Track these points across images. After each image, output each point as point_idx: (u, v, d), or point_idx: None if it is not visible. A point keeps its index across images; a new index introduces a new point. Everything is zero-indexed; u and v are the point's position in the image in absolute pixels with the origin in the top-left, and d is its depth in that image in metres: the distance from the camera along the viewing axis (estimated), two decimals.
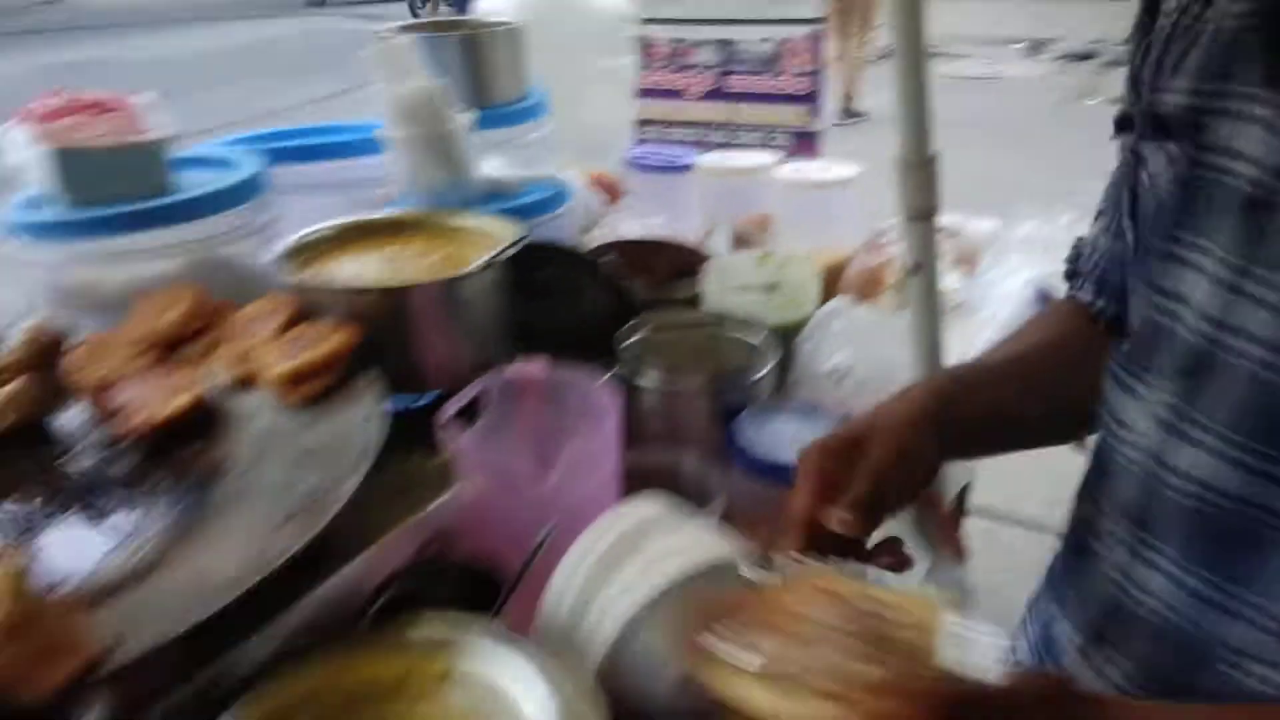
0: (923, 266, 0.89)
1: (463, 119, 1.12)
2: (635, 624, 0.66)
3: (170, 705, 0.59)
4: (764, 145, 1.93)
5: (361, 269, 0.96)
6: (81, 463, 0.81)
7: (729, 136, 1.99)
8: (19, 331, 0.91)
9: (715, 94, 2.01)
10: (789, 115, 1.97)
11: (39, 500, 0.76)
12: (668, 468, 0.91)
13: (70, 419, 0.86)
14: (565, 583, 0.70)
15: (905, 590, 0.51)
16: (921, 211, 0.87)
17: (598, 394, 0.82)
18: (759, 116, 1.99)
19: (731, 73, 1.96)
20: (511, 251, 0.95)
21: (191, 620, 0.58)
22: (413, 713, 0.60)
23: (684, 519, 0.76)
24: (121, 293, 1.03)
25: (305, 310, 0.89)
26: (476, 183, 1.13)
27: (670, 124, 2.02)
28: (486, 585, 0.76)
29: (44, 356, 0.89)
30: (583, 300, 1.04)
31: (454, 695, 0.60)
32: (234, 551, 0.67)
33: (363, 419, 0.79)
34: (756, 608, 0.52)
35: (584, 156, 1.57)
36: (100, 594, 0.62)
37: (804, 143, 1.94)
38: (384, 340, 0.86)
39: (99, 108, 0.96)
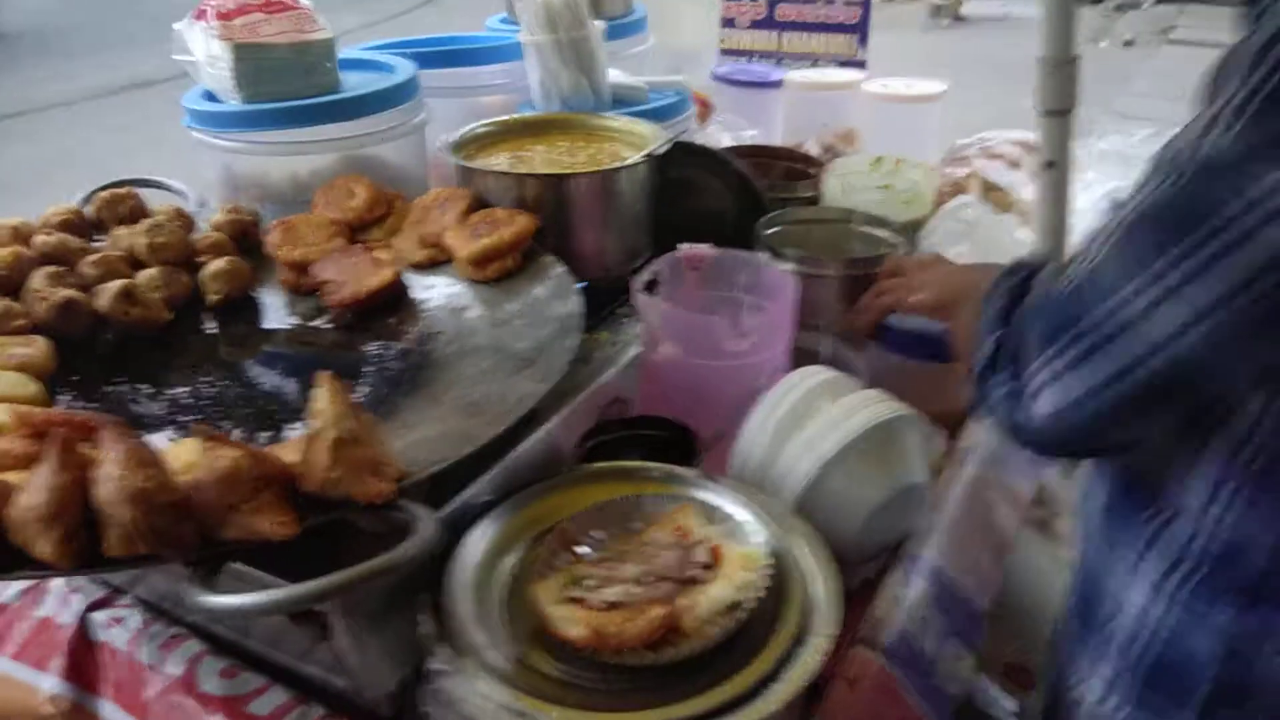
0: (1055, 164, 0.93)
1: (597, 26, 1.15)
2: (825, 472, 0.73)
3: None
4: None
5: (521, 162, 1.01)
6: (295, 332, 0.87)
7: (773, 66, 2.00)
8: (215, 213, 0.96)
9: (764, 22, 2.00)
10: (836, 44, 1.96)
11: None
12: (809, 350, 0.97)
13: (273, 294, 0.91)
14: (754, 437, 0.77)
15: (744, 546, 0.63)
16: (1059, 109, 0.91)
17: (770, 271, 0.88)
18: (805, 45, 1.98)
19: (781, 0, 1.96)
20: (663, 149, 0.99)
21: (465, 450, 0.64)
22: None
23: (855, 383, 0.82)
24: (286, 183, 1.08)
25: (480, 198, 0.94)
26: (608, 87, 1.17)
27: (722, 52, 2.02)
28: (673, 443, 0.82)
29: (242, 237, 0.94)
30: (718, 197, 1.09)
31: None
32: (467, 401, 0.73)
33: (555, 290, 0.84)
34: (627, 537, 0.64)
35: (674, 73, 1.59)
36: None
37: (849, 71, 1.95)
38: (547, 228, 0.91)
39: (273, 6, 0.99)
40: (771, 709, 0.53)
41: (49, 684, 0.70)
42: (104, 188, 1.00)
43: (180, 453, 0.58)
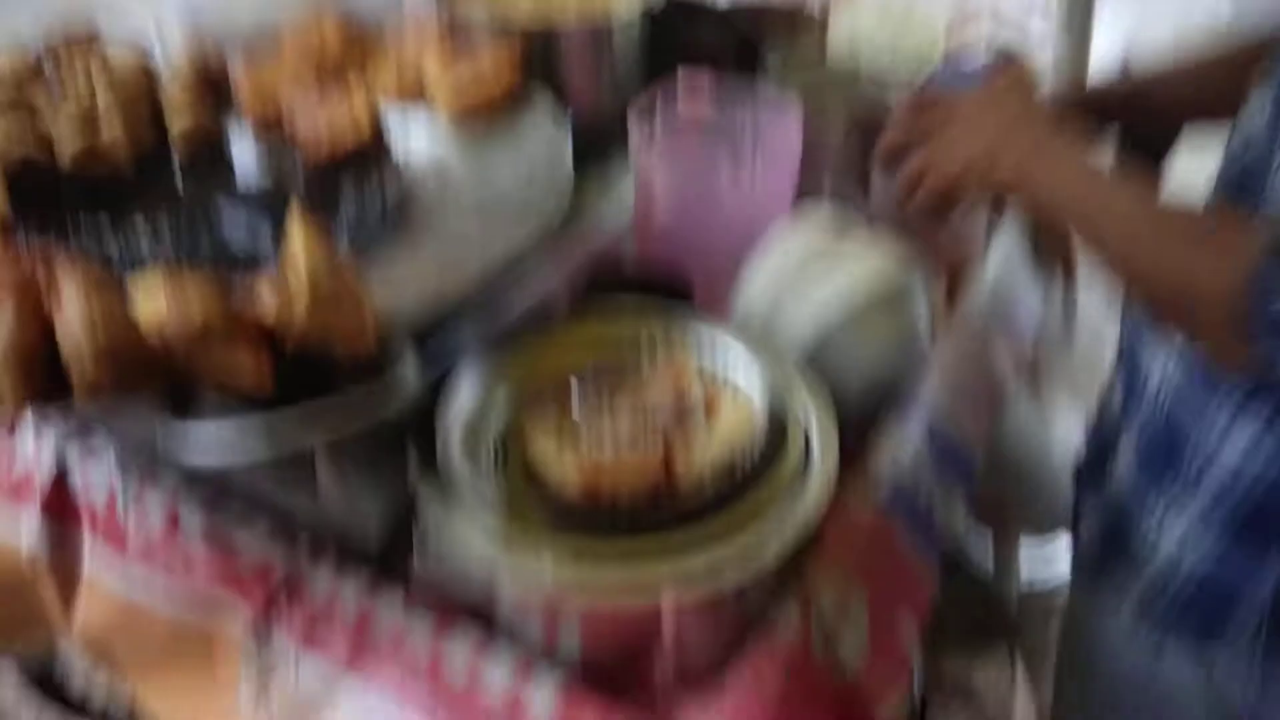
0: None
1: None
2: (831, 325, 0.71)
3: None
4: None
5: (507, 13, 0.93)
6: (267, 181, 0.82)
7: None
8: (178, 58, 0.89)
9: None
10: None
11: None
12: (814, 191, 0.92)
13: (243, 144, 0.86)
14: (756, 288, 0.74)
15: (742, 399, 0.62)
16: None
17: (774, 108, 0.82)
18: None
19: None
20: (659, 7, 0.92)
21: (449, 301, 0.61)
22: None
23: (861, 226, 0.79)
24: (253, 24, 1.01)
25: (459, 38, 0.87)
26: None
27: None
28: (669, 295, 0.79)
29: (209, 85, 0.88)
30: (716, 55, 1.02)
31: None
32: (450, 251, 0.69)
33: (544, 137, 0.79)
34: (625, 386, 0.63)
35: None
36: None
37: None
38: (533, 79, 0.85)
39: None
40: (768, 561, 0.52)
41: (27, 534, 0.69)
42: (59, 32, 0.92)
43: (146, 296, 0.55)
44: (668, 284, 0.79)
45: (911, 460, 0.71)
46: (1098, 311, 1.08)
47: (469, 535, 0.53)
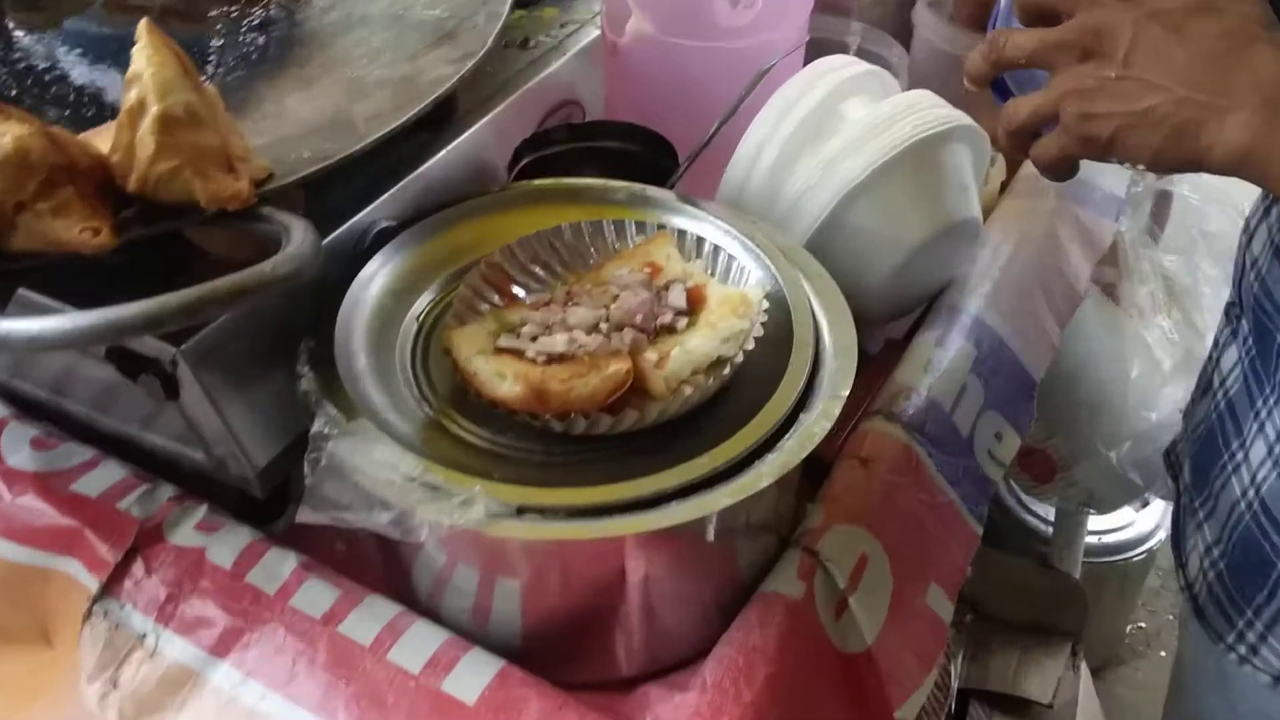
0: None
1: None
2: (849, 201, 0.69)
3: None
4: None
5: None
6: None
7: None
8: None
9: None
10: None
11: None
12: (833, 39, 0.90)
13: None
14: (755, 151, 0.71)
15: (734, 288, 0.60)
16: None
17: None
18: None
19: None
20: None
21: (353, 148, 0.58)
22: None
23: (892, 82, 0.76)
24: None
25: None
26: None
27: None
28: (643, 158, 0.77)
29: None
30: None
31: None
32: (355, 87, 0.66)
33: None
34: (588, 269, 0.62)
35: None
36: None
37: None
38: None
39: None
40: (759, 486, 0.51)
41: None
42: None
43: None
44: (640, 144, 0.77)
45: (950, 372, 0.70)
46: (1203, 207, 1.06)
47: (377, 456, 0.51)
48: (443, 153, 0.69)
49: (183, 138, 0.51)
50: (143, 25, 0.53)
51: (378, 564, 0.61)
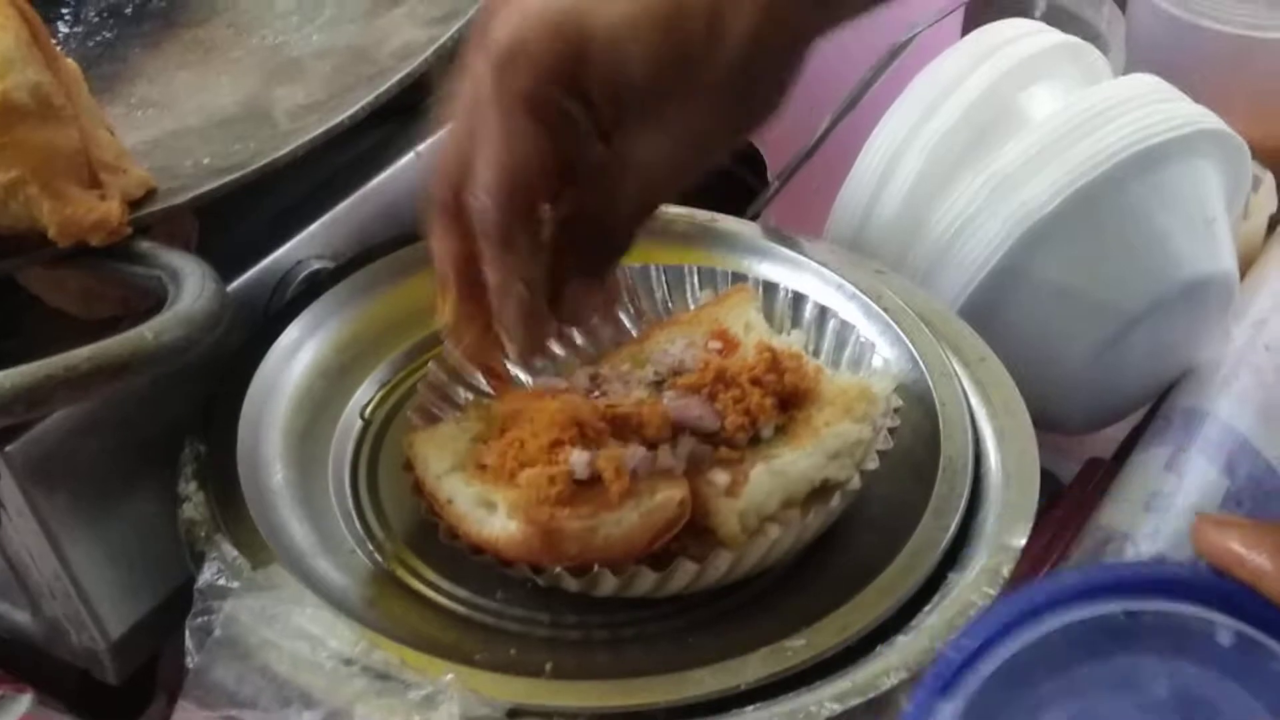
0: None
1: None
2: (1032, 242, 0.71)
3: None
4: None
5: None
6: None
7: None
8: None
9: None
10: None
11: None
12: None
13: None
14: (890, 160, 0.75)
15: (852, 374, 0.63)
16: None
17: None
18: None
19: None
20: None
21: (277, 153, 0.62)
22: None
23: (1100, 62, 0.79)
24: None
25: None
26: None
27: None
28: (716, 173, 0.80)
29: None
30: None
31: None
32: (279, 56, 0.70)
33: None
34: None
35: None
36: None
37: None
38: None
39: None
40: (883, 686, 0.52)
41: None
42: None
43: None
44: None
45: (1189, 514, 0.71)
46: None
47: (300, 641, 0.53)
48: (407, 157, 0.73)
49: (27, 137, 0.54)
50: None
51: None
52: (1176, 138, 0.72)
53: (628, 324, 0.67)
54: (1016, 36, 0.77)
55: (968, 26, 0.78)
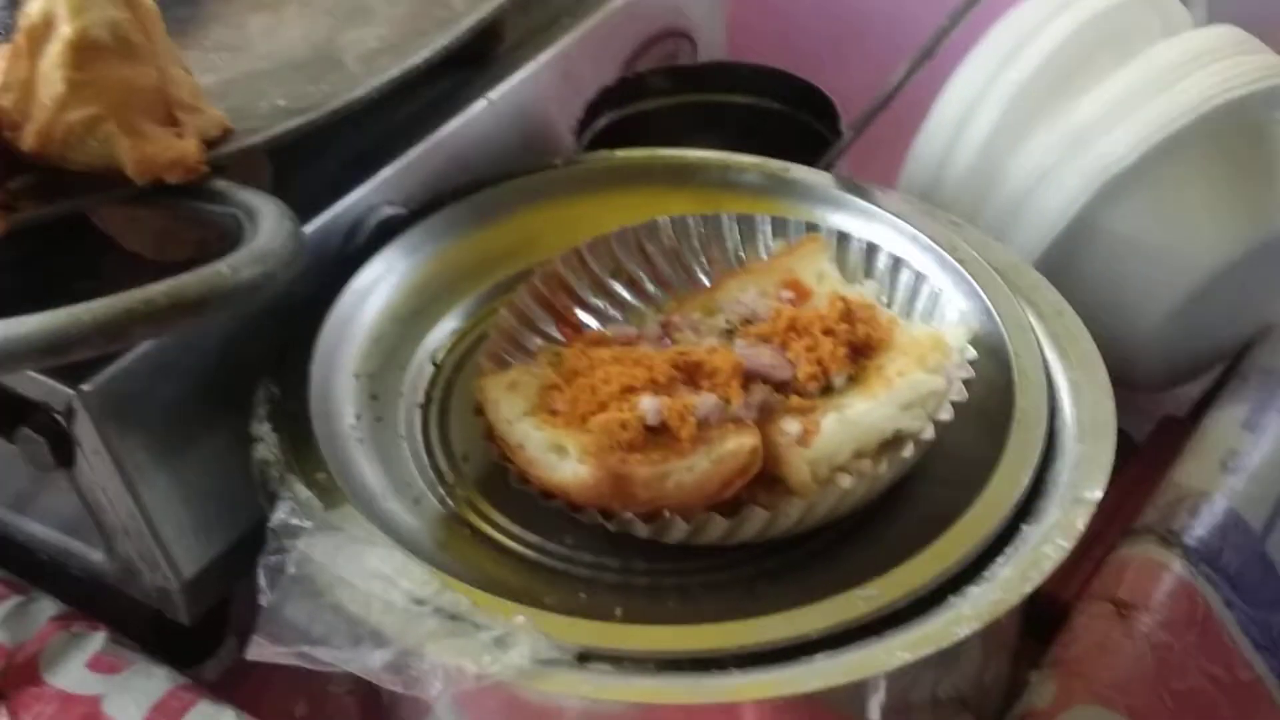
0: None
1: None
2: (1111, 196, 0.71)
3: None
4: None
5: None
6: None
7: None
8: None
9: None
10: None
11: None
12: None
13: None
14: (961, 117, 0.74)
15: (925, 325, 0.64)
16: None
17: None
18: None
19: None
20: None
21: (350, 97, 0.62)
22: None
23: (1183, 13, 0.78)
24: None
25: None
26: None
27: None
28: (786, 120, 0.80)
29: None
30: None
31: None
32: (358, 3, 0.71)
33: None
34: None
35: None
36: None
37: None
38: None
39: None
40: (955, 637, 0.52)
41: None
42: None
43: None
44: (781, 101, 0.81)
45: (1265, 474, 0.72)
46: None
47: (372, 581, 0.53)
48: (479, 104, 0.73)
49: (106, 74, 0.54)
50: None
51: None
52: (1260, 90, 0.72)
53: (700, 274, 0.67)
54: None
55: None
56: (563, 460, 0.56)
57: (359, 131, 0.68)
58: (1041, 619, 0.66)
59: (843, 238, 0.68)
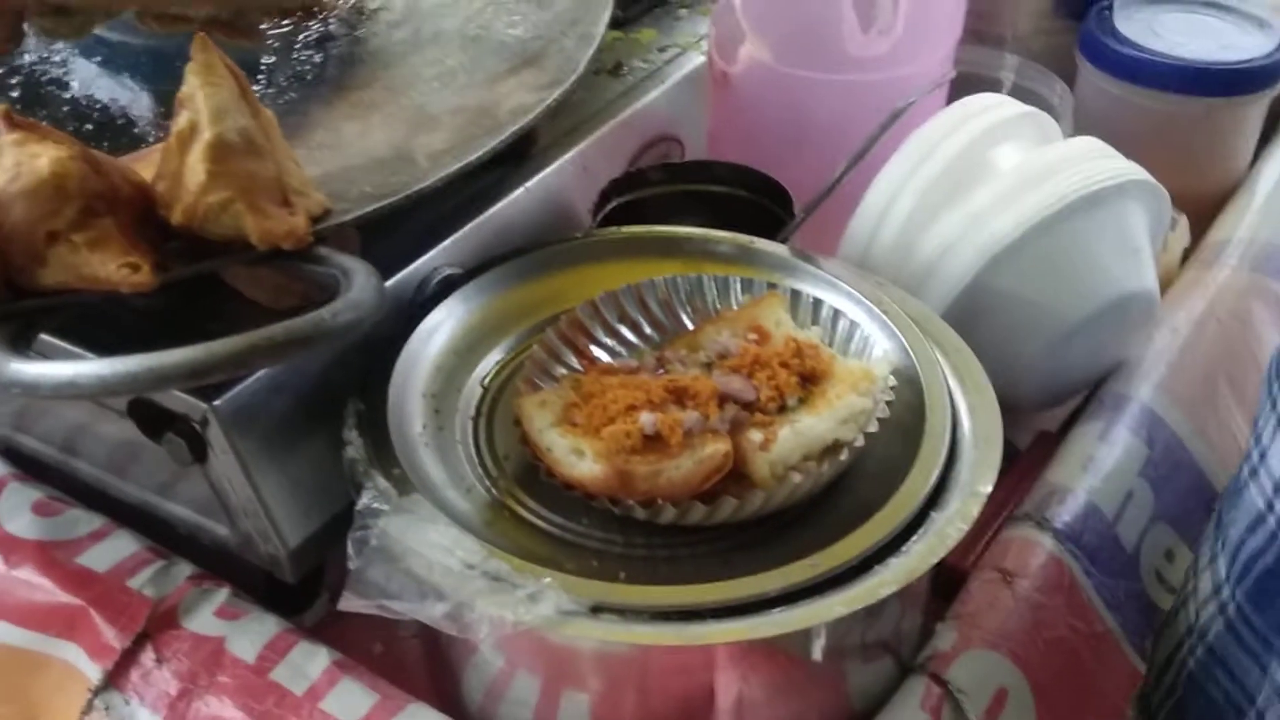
0: None
1: None
2: (998, 265, 0.72)
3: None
4: None
5: None
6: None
7: None
8: None
9: None
10: None
11: None
12: (982, 75, 0.93)
13: None
14: (887, 203, 0.75)
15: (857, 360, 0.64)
16: None
17: None
18: None
19: None
20: None
21: (421, 185, 0.63)
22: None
23: (1053, 127, 0.79)
24: None
25: None
26: None
27: None
28: (751, 206, 0.80)
29: None
30: None
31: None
32: (423, 114, 0.71)
33: None
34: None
35: None
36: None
37: None
38: None
39: None
40: (879, 595, 0.53)
41: None
42: None
43: None
44: (749, 190, 0.81)
45: (1115, 474, 0.72)
46: None
47: (436, 550, 0.54)
48: (518, 191, 0.74)
49: (237, 167, 0.55)
50: (197, 41, 0.58)
51: (420, 668, 0.64)
52: (1113, 185, 0.72)
53: (686, 320, 0.68)
54: (988, 106, 0.77)
55: (951, 97, 0.78)
56: (581, 461, 0.57)
57: (427, 212, 0.68)
58: (946, 583, 0.67)
59: (795, 294, 0.68)
